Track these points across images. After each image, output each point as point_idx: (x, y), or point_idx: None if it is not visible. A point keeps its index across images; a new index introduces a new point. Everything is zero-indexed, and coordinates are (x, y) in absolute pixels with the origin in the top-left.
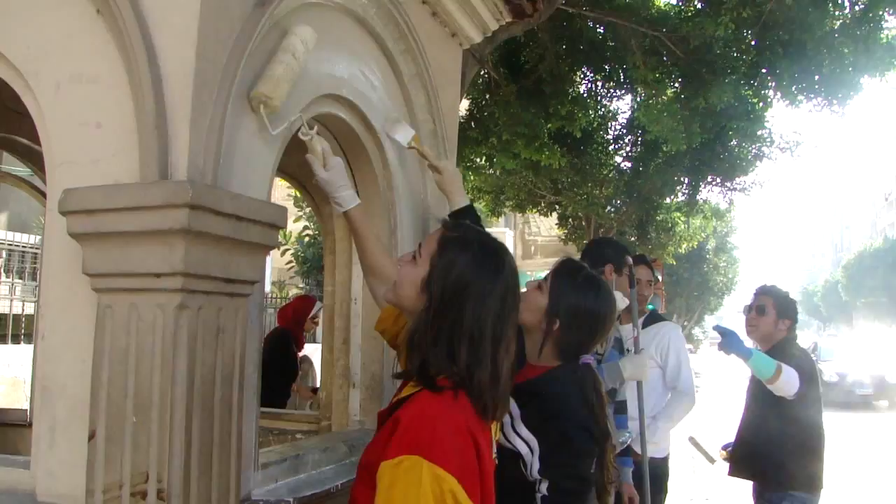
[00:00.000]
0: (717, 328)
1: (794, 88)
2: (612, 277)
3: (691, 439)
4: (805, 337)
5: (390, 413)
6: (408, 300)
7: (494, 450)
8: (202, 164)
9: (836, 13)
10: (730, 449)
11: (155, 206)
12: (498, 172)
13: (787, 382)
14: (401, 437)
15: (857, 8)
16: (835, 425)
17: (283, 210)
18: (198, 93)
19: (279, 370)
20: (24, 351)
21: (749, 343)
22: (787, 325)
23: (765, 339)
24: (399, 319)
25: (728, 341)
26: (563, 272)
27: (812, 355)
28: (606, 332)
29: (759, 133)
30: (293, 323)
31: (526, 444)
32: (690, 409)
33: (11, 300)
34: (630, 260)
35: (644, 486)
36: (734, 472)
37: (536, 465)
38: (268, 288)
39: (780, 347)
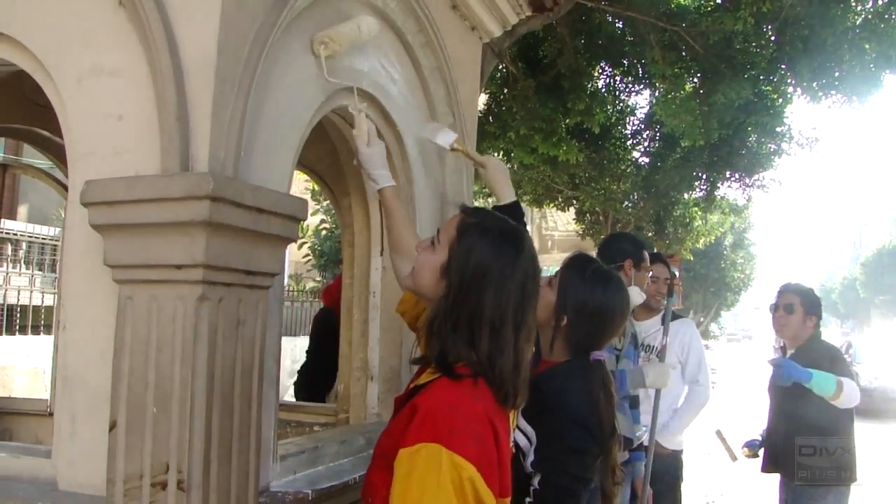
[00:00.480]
0: (773, 362)
1: (813, 84)
2: (631, 273)
3: (718, 433)
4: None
5: (407, 399)
6: (426, 287)
7: (512, 438)
8: (223, 157)
9: (858, 8)
10: (755, 446)
11: (176, 198)
12: (515, 167)
13: (850, 395)
14: (420, 425)
15: (879, 3)
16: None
17: (304, 202)
18: (219, 85)
19: (325, 350)
20: (44, 342)
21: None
22: (814, 322)
23: (794, 338)
24: (420, 303)
25: (785, 371)
26: (572, 267)
27: (846, 356)
28: (618, 327)
29: (777, 129)
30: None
31: (525, 436)
32: (706, 400)
33: (31, 291)
34: (647, 256)
35: (645, 483)
36: (767, 468)
37: (531, 458)
38: (285, 281)
39: (809, 346)
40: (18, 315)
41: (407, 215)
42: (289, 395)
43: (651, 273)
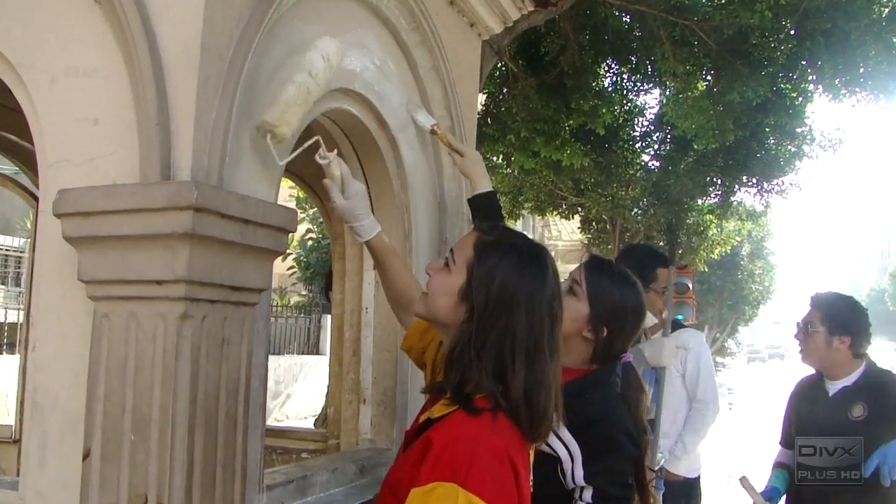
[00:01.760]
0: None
1: (836, 82)
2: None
3: (743, 481)
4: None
5: (419, 433)
6: (442, 312)
7: (531, 476)
8: (207, 164)
9: None
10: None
11: (157, 209)
12: (516, 172)
13: None
14: (434, 462)
15: None
16: None
17: (293, 213)
18: (202, 87)
19: None
20: (9, 362)
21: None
22: (846, 342)
23: (825, 366)
24: (426, 334)
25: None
26: (600, 272)
27: None
28: (641, 325)
29: (798, 130)
30: None
31: (566, 448)
32: (715, 418)
33: None
34: (659, 273)
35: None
36: None
37: (579, 472)
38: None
39: (868, 381)
40: None
41: (403, 263)
42: (272, 419)
43: (664, 288)
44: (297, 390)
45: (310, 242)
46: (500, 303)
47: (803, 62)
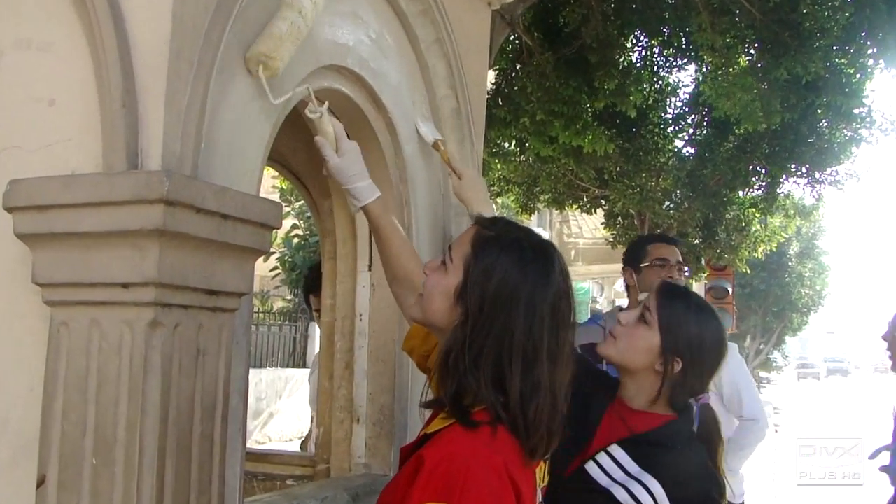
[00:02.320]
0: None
1: None
2: (633, 280)
3: None
4: None
5: (416, 449)
6: (437, 315)
7: (539, 497)
8: (179, 151)
9: None
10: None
11: (122, 202)
12: (531, 160)
13: None
14: (426, 481)
15: None
16: None
17: (278, 207)
18: (174, 63)
19: None
20: None
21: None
22: None
23: None
24: (430, 338)
25: None
26: (674, 299)
27: None
28: (721, 364)
29: (855, 111)
30: None
31: (652, 498)
32: (764, 434)
33: None
34: (648, 249)
35: None
36: None
37: None
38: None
39: None
40: None
41: (402, 234)
42: (253, 441)
43: (657, 259)
44: (282, 408)
45: (296, 240)
46: (497, 303)
47: (862, 33)
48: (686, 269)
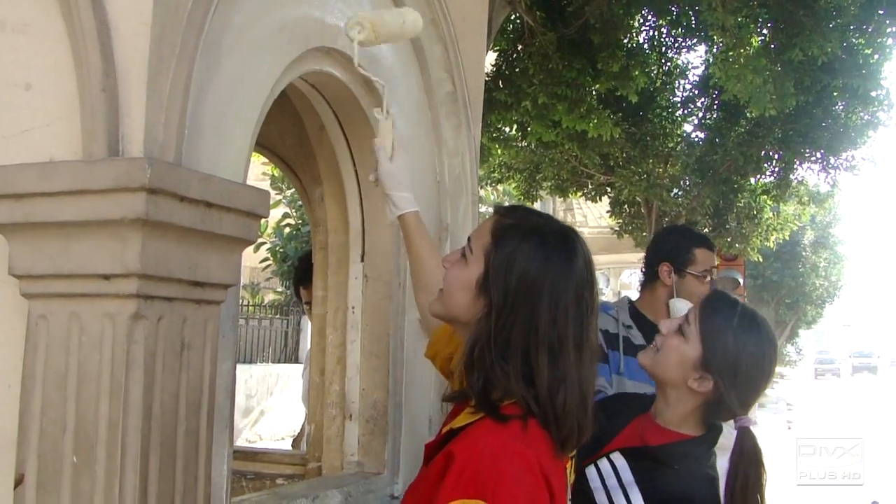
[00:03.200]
0: None
1: None
2: (671, 279)
3: None
4: None
5: (442, 445)
6: (460, 308)
7: (569, 495)
8: (162, 137)
9: None
10: None
11: (103, 190)
12: (533, 145)
13: None
14: (457, 477)
15: None
16: None
17: (265, 195)
18: (156, 46)
19: None
20: None
21: None
22: None
23: None
24: (454, 338)
25: None
26: (717, 313)
27: None
28: (767, 387)
29: (872, 93)
30: None
31: None
32: None
33: None
34: (696, 253)
35: None
36: None
37: None
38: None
39: None
40: None
41: (433, 247)
42: (243, 440)
43: (707, 269)
44: (273, 405)
45: (287, 230)
46: (521, 293)
47: (880, 12)
48: (736, 285)
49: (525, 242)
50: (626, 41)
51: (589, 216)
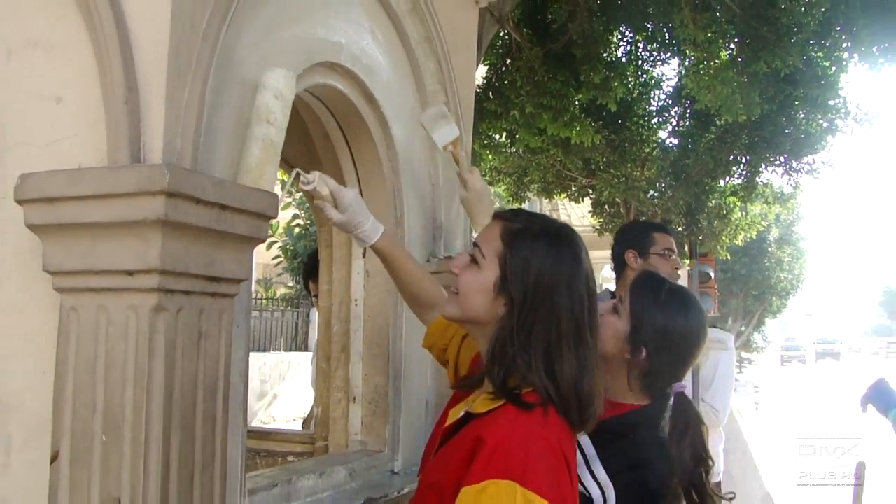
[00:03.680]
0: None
1: (874, 49)
2: (637, 264)
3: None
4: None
5: (459, 427)
6: (478, 310)
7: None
8: (180, 145)
9: None
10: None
11: (126, 194)
12: (521, 151)
13: None
14: (487, 460)
15: None
16: None
17: (274, 198)
18: (174, 61)
19: None
20: None
21: None
22: None
23: None
24: (447, 331)
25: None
26: (645, 290)
27: None
28: (698, 355)
29: (830, 102)
30: None
31: (601, 490)
32: (716, 425)
33: None
34: (655, 236)
35: None
36: None
37: None
38: (252, 288)
39: None
40: None
41: (413, 260)
42: (258, 421)
43: (667, 248)
44: (285, 390)
45: (297, 229)
46: (539, 291)
47: (837, 28)
48: (673, 253)
49: (537, 243)
50: (605, 55)
51: (572, 216)
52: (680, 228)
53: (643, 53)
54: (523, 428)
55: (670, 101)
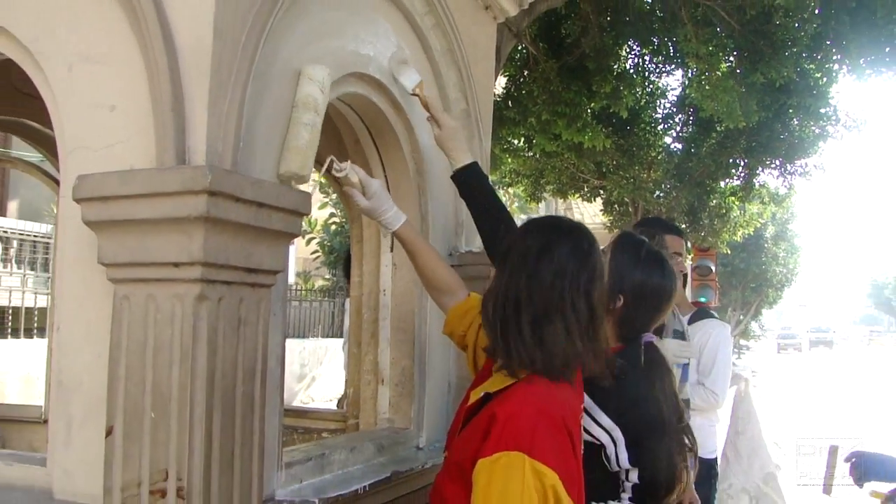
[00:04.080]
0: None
1: (861, 61)
2: None
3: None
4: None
5: (479, 408)
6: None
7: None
8: (221, 148)
9: None
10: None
11: (172, 193)
12: (537, 155)
13: None
14: (499, 434)
15: None
16: None
17: (307, 196)
18: (215, 72)
19: None
20: (38, 346)
21: None
22: None
23: None
24: (465, 317)
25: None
26: (626, 248)
27: None
28: (668, 310)
29: (822, 110)
30: None
31: (608, 434)
32: (711, 409)
33: (23, 292)
34: (668, 240)
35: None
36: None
37: (623, 455)
38: (292, 279)
39: None
40: (10, 317)
41: (431, 248)
42: (298, 401)
43: (674, 253)
44: (322, 373)
45: (333, 227)
46: (526, 259)
47: (828, 42)
48: (681, 256)
49: (531, 227)
50: (615, 67)
51: (585, 214)
52: (683, 226)
53: (650, 65)
54: (531, 405)
55: (675, 109)
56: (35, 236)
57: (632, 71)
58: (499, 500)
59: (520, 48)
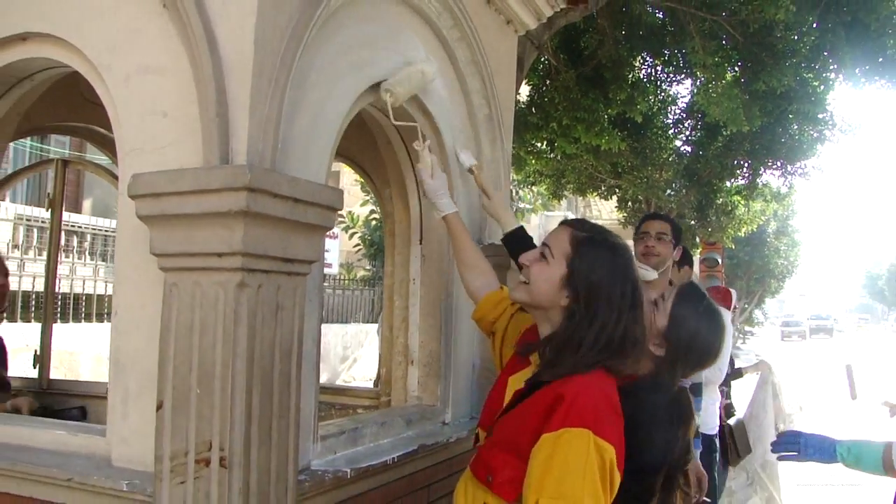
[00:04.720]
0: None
1: (856, 71)
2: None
3: (848, 367)
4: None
5: (530, 391)
6: (543, 297)
7: None
8: (261, 149)
9: None
10: None
11: (216, 189)
12: (559, 157)
13: None
14: (566, 412)
15: None
16: None
17: (339, 192)
18: (256, 82)
19: None
20: (107, 329)
21: None
22: None
23: None
24: (499, 306)
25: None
26: (688, 300)
27: None
28: (707, 367)
29: (820, 116)
30: None
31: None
32: (714, 383)
33: (95, 281)
34: (645, 224)
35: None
36: None
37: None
38: (336, 270)
39: None
40: (84, 304)
41: (470, 236)
42: (341, 380)
43: (641, 232)
44: (363, 355)
45: (373, 222)
46: (601, 288)
47: (825, 53)
48: (668, 237)
49: (600, 251)
50: (630, 76)
51: (602, 211)
52: (692, 222)
53: (661, 75)
54: (594, 387)
55: (684, 115)
56: (106, 231)
57: (645, 80)
58: (559, 471)
59: (542, 59)
